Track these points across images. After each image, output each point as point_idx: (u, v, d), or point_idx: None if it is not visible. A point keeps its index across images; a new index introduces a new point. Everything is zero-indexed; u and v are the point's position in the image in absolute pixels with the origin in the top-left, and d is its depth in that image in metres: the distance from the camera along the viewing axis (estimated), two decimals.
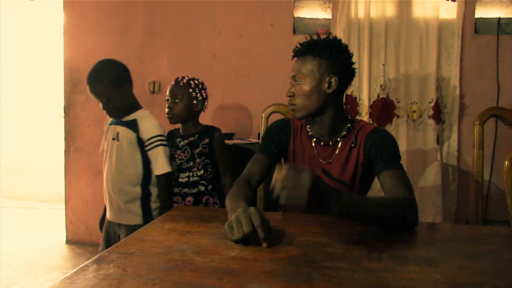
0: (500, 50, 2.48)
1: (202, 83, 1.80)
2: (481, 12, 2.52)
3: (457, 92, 2.47)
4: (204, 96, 1.78)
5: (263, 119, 1.62)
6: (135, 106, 1.61)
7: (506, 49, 2.48)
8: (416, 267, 0.69)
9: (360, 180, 1.20)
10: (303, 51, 1.17)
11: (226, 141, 2.40)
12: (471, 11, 2.49)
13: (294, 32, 2.71)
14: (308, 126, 1.24)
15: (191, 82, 1.74)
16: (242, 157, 1.29)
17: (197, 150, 1.71)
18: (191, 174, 1.70)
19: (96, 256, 0.71)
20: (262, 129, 1.61)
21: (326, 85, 1.14)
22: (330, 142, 1.20)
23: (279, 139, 1.26)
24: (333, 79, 1.14)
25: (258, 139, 2.37)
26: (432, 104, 2.45)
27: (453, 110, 2.49)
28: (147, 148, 1.54)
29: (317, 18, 2.70)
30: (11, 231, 3.33)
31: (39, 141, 4.41)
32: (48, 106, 4.37)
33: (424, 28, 2.47)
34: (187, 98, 1.70)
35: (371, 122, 2.49)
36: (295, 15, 2.72)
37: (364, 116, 2.51)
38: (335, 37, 1.18)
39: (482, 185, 1.36)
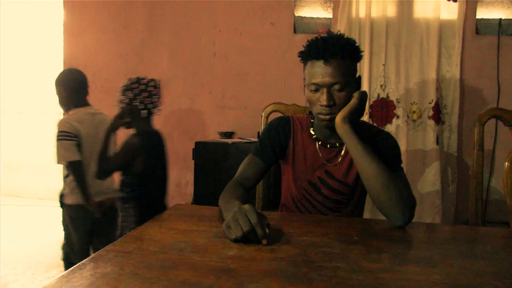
0: (501, 51, 2.47)
1: (132, 83, 1.73)
2: (482, 13, 2.51)
3: (457, 92, 2.47)
4: (132, 96, 1.72)
5: (262, 118, 1.61)
6: (73, 106, 1.93)
7: (507, 50, 2.48)
8: (415, 267, 0.69)
9: (362, 183, 1.19)
10: (340, 54, 1.03)
11: (226, 140, 2.40)
12: (472, 11, 2.48)
13: (294, 31, 2.71)
14: (312, 128, 1.20)
15: (122, 87, 1.74)
16: (242, 156, 1.26)
17: None
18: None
19: (93, 255, 0.71)
20: (261, 128, 1.60)
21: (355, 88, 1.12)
22: (337, 144, 1.17)
23: (278, 141, 1.21)
24: (359, 80, 1.13)
25: (258, 138, 2.37)
26: (432, 104, 2.45)
27: (453, 111, 2.48)
28: None
29: (318, 18, 2.69)
30: (10, 229, 3.33)
31: (38, 139, 4.41)
32: (47, 103, 4.37)
33: (425, 28, 2.47)
34: (118, 105, 1.75)
35: (371, 122, 2.48)
36: (296, 14, 2.72)
37: (364, 116, 2.50)
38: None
39: (482, 186, 1.36)
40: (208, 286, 0.59)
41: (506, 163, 1.31)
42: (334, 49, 1.03)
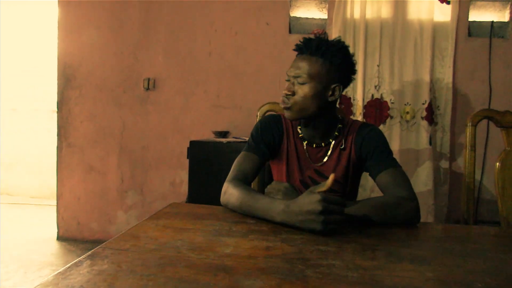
0: (493, 53, 2.51)
1: None
2: (474, 15, 2.54)
3: (450, 94, 2.50)
4: None
5: (258, 117, 1.62)
6: None
7: (499, 52, 2.51)
8: (408, 265, 0.70)
9: (352, 177, 1.21)
10: (312, 51, 1.07)
11: (220, 139, 2.40)
12: (465, 14, 2.52)
13: (290, 32, 2.72)
14: (299, 127, 1.21)
15: None
16: (236, 156, 1.25)
17: None
18: None
19: (89, 252, 0.71)
20: None
21: (330, 93, 1.11)
22: (323, 144, 1.19)
23: (272, 138, 1.21)
24: (337, 88, 1.11)
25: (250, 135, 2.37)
26: (425, 105, 2.47)
27: (445, 112, 2.51)
28: None
29: (313, 18, 2.71)
30: (2, 227, 3.30)
31: (32, 137, 4.37)
32: (41, 101, 4.33)
33: (418, 29, 2.49)
34: None
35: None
36: (291, 15, 2.73)
37: (358, 116, 2.52)
38: (343, 41, 1.11)
39: (474, 186, 1.38)
40: (205, 284, 0.59)
41: (497, 164, 1.33)
42: (309, 45, 1.08)
